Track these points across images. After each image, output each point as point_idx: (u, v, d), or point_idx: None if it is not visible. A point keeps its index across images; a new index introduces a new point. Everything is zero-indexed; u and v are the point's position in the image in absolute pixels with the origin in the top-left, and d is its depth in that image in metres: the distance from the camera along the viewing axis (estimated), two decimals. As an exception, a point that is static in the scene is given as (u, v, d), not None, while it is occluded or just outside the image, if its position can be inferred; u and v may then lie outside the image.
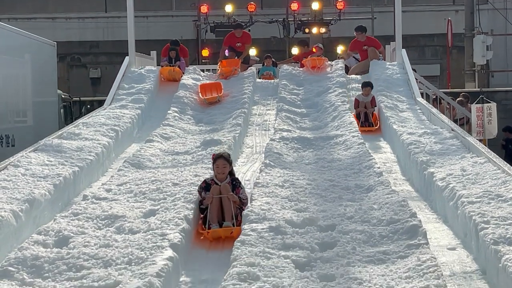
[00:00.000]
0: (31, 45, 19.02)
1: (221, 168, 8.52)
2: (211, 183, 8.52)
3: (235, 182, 8.57)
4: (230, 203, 8.27)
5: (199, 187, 8.70)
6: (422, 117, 13.94)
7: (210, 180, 8.60)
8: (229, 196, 8.30)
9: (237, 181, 8.63)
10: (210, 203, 8.29)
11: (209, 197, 8.33)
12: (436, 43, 32.99)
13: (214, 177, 8.60)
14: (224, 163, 8.56)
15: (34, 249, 6.96)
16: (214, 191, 8.36)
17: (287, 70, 17.80)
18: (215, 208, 8.30)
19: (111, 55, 32.55)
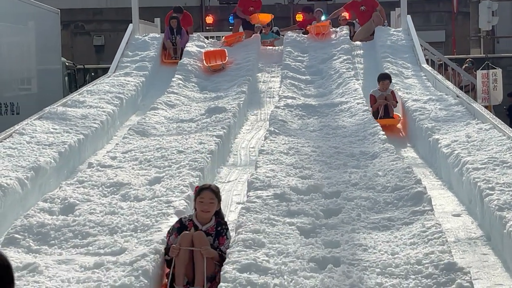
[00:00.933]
0: (34, 13, 18.93)
1: (207, 203, 6.22)
2: (188, 225, 6.19)
3: (220, 228, 6.26)
4: (203, 261, 6.00)
5: (171, 228, 6.37)
6: (427, 84, 13.90)
7: (188, 220, 6.24)
8: (203, 251, 6.01)
9: (223, 227, 6.29)
10: (176, 256, 6.03)
11: (174, 248, 6.04)
12: (441, 8, 32.76)
13: (194, 216, 6.26)
14: (211, 197, 6.27)
15: (40, 217, 6.99)
16: (184, 240, 6.06)
17: (292, 37, 17.71)
18: (182, 263, 6.03)
19: (115, 22, 32.41)
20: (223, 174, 9.73)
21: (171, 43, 16.41)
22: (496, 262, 6.54)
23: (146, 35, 17.45)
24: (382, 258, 5.96)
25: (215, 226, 6.20)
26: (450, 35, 31.00)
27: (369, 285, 5.50)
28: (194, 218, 6.22)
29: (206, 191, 6.25)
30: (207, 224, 6.17)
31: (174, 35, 16.56)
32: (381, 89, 12.33)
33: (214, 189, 6.36)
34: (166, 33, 16.58)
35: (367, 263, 5.88)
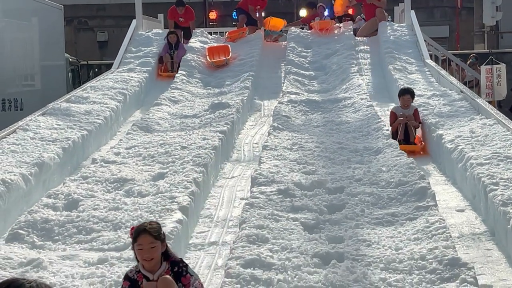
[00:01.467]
0: (38, 9, 18.94)
1: (147, 250, 4.88)
2: (137, 279, 4.95)
3: (177, 268, 4.98)
4: None
5: None
6: (431, 79, 13.88)
7: (136, 273, 4.97)
8: None
9: (180, 266, 5.00)
10: None
11: None
12: (445, 4, 32.72)
13: (140, 266, 4.95)
14: (150, 241, 4.89)
15: (44, 212, 7.00)
16: None
17: (295, 32, 17.70)
18: None
19: (118, 18, 32.43)
20: (227, 170, 9.73)
21: (170, 57, 15.87)
22: (500, 257, 6.53)
23: (149, 30, 17.46)
24: (386, 254, 5.95)
25: (170, 269, 4.96)
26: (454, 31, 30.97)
27: (373, 281, 5.49)
28: (141, 268, 4.94)
29: (143, 236, 4.87)
30: (159, 270, 4.91)
31: (172, 49, 15.95)
32: (402, 106, 10.81)
33: (151, 230, 4.89)
34: (165, 47, 15.97)
35: (371, 258, 5.88)
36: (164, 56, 15.84)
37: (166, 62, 15.82)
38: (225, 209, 8.11)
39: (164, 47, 16.04)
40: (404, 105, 10.79)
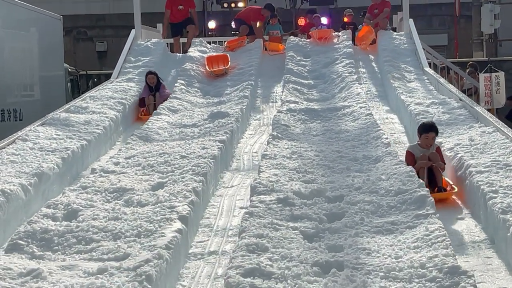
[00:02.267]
0: (37, 19, 18.97)
1: None
2: None
3: None
4: None
5: None
6: (430, 87, 13.90)
7: None
8: None
9: None
10: None
11: None
12: (444, 12, 32.79)
13: None
14: None
15: (43, 223, 6.99)
16: None
17: (294, 41, 17.73)
18: None
19: (117, 28, 32.48)
20: (226, 179, 9.73)
21: (153, 98, 14.01)
22: (500, 265, 6.53)
23: (148, 40, 17.48)
24: (385, 262, 5.95)
25: None
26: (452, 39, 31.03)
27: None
28: None
29: None
30: None
31: (153, 91, 14.14)
32: (422, 144, 8.89)
33: None
34: (145, 90, 14.18)
35: (371, 267, 5.88)
36: (147, 98, 13.97)
37: (148, 104, 13.92)
38: (225, 218, 8.11)
39: (144, 89, 14.27)
40: (427, 144, 8.85)
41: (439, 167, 8.60)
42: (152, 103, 13.88)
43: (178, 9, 17.69)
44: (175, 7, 17.66)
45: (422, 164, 8.59)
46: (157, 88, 14.21)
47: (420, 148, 8.87)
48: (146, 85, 14.27)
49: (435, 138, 8.90)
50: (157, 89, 14.20)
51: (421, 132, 8.92)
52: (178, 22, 17.76)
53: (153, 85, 14.20)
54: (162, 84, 14.33)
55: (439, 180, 8.55)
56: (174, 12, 17.70)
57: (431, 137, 8.85)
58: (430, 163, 8.58)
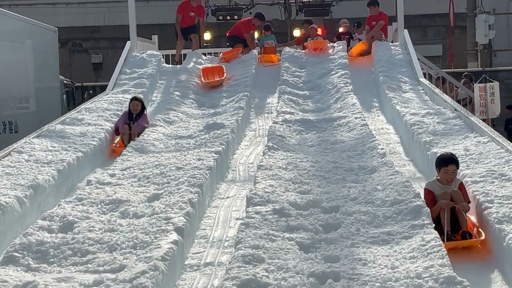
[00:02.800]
0: (32, 31, 18.98)
1: None
2: None
3: None
4: None
5: None
6: (425, 98, 13.92)
7: None
8: None
9: None
10: None
11: None
12: (438, 23, 32.86)
13: None
14: None
15: (39, 235, 6.98)
16: None
17: (289, 52, 17.76)
18: None
19: (113, 40, 32.49)
20: (222, 190, 9.73)
21: (128, 127, 12.26)
22: (496, 275, 6.53)
23: (143, 52, 17.49)
24: (382, 273, 5.95)
25: None
26: (447, 49, 31.08)
27: (369, 300, 5.49)
28: None
29: None
30: None
31: (132, 120, 12.46)
32: (442, 180, 7.69)
33: None
34: (123, 116, 12.59)
35: (367, 277, 5.88)
36: (122, 127, 12.27)
37: (122, 134, 12.20)
38: (221, 230, 8.11)
39: (123, 115, 12.68)
40: (447, 179, 7.65)
41: (462, 209, 7.38)
42: (127, 133, 12.14)
43: (189, 15, 17.77)
44: (186, 13, 17.74)
45: (442, 204, 7.39)
46: (138, 116, 12.57)
47: (440, 185, 7.65)
48: (127, 112, 12.67)
49: (456, 172, 7.71)
50: (137, 117, 12.54)
51: (439, 166, 7.72)
52: (186, 27, 17.83)
53: (135, 113, 12.61)
54: (144, 114, 12.75)
55: (463, 223, 7.36)
56: (185, 18, 17.75)
57: (452, 170, 7.63)
58: (452, 203, 7.39)
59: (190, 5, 17.73)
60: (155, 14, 32.29)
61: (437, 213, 7.34)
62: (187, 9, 17.74)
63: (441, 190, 7.55)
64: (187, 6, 17.75)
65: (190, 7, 17.74)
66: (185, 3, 17.82)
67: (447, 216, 7.30)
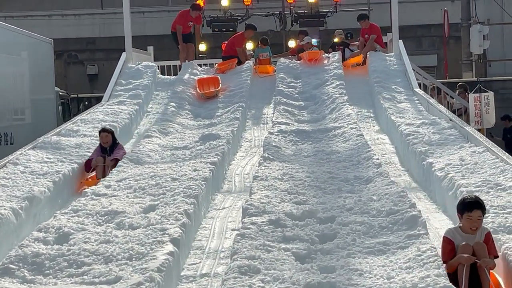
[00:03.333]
0: (28, 43, 19.00)
1: None
2: None
3: None
4: None
5: None
6: (420, 108, 13.95)
7: None
8: None
9: None
10: None
11: None
12: (433, 33, 32.97)
13: None
14: None
15: (34, 246, 6.97)
16: None
17: (285, 63, 17.79)
18: None
19: (108, 51, 32.52)
20: (218, 201, 9.72)
21: (102, 159, 11.00)
22: (492, 285, 6.52)
23: (139, 63, 17.50)
24: (378, 283, 5.95)
25: None
26: (442, 59, 31.17)
27: (365, 310, 5.48)
28: None
29: None
30: None
31: (107, 153, 11.12)
32: (465, 228, 6.48)
33: None
34: (96, 152, 11.18)
35: (363, 287, 5.87)
36: (96, 159, 10.97)
37: (95, 166, 10.93)
38: (217, 241, 8.10)
39: (95, 151, 11.20)
40: (471, 228, 6.43)
41: (485, 265, 6.20)
42: (101, 165, 10.88)
43: (188, 25, 18.14)
44: (186, 23, 18.01)
45: (462, 259, 6.22)
46: (112, 149, 11.19)
47: (462, 234, 6.45)
48: (99, 146, 11.27)
49: (482, 219, 6.46)
50: (111, 150, 11.17)
51: (461, 211, 6.50)
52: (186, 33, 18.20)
53: (107, 146, 11.17)
54: (119, 145, 11.44)
55: (485, 283, 6.18)
56: (184, 28, 18.07)
57: (476, 217, 6.41)
58: (473, 258, 6.21)
59: (189, 16, 17.96)
60: (150, 26, 32.37)
61: (454, 269, 6.26)
62: (187, 19, 17.93)
63: (462, 241, 6.37)
64: (187, 16, 17.91)
65: (189, 17, 17.94)
66: (185, 13, 17.99)
67: (466, 273, 6.16)
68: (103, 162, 10.93)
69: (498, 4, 31.52)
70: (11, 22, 21.42)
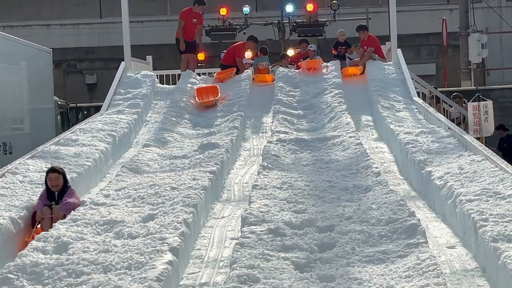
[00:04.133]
0: (27, 52, 19.01)
1: None
2: None
3: None
4: None
5: None
6: (419, 117, 13.96)
7: None
8: None
9: None
10: None
11: None
12: (432, 42, 33.01)
13: None
14: None
15: (33, 256, 6.96)
16: None
17: (283, 72, 17.81)
18: None
19: (107, 60, 32.54)
20: (217, 210, 9.71)
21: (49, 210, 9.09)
22: (490, 292, 6.52)
23: (138, 72, 17.52)
24: (377, 292, 5.94)
25: None
26: (440, 68, 31.20)
27: (365, 319, 5.47)
28: None
29: None
30: None
31: (55, 199, 9.22)
32: None
33: None
34: (42, 198, 9.23)
35: (363, 296, 5.87)
36: (40, 211, 9.03)
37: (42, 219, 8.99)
38: (216, 250, 8.09)
39: (40, 197, 9.25)
40: None
41: None
42: (48, 218, 8.97)
43: (192, 22, 17.90)
44: (189, 20, 17.85)
45: None
46: (61, 194, 9.28)
47: None
48: (45, 190, 9.35)
49: None
50: (60, 195, 9.25)
51: None
52: (189, 41, 17.94)
53: (56, 190, 9.27)
54: (70, 189, 9.43)
55: None
56: (187, 26, 17.82)
57: None
58: None
59: (193, 12, 17.94)
60: (149, 35, 32.38)
61: None
62: (190, 15, 17.89)
63: None
64: (190, 13, 17.94)
65: (193, 13, 17.92)
66: (188, 10, 18.01)
67: None
68: (50, 214, 9.01)
69: (497, 13, 31.58)
70: (10, 32, 21.48)
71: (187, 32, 17.84)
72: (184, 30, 17.80)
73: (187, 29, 17.84)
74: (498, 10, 31.87)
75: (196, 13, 17.92)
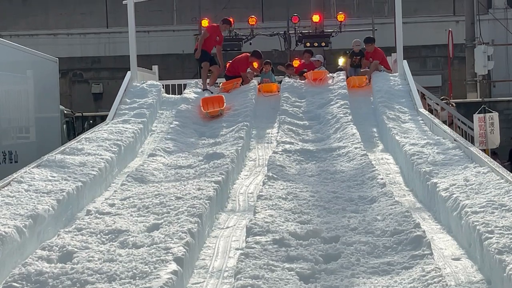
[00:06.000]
0: (33, 61, 19.07)
1: None
2: None
3: None
4: None
5: None
6: (425, 128, 13.95)
7: None
8: None
9: None
10: None
11: None
12: (438, 54, 33.05)
13: None
14: None
15: (38, 265, 6.96)
16: None
17: (289, 82, 17.83)
18: None
19: (113, 70, 32.63)
20: (222, 220, 9.71)
21: None
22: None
23: (144, 82, 17.56)
24: (382, 303, 5.93)
25: None
26: (446, 80, 31.21)
27: (370, 331, 5.46)
28: None
29: None
30: None
31: None
32: None
33: None
34: None
35: (367, 308, 5.85)
36: None
37: None
38: (220, 260, 8.08)
39: None
40: None
41: None
42: None
43: (215, 39, 17.97)
44: (213, 36, 17.90)
45: None
46: None
47: None
48: None
49: None
50: None
51: None
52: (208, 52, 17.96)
53: None
54: None
55: None
56: (209, 40, 17.82)
57: None
58: None
59: (219, 30, 18.08)
60: (155, 45, 32.48)
61: None
62: (216, 32, 18.00)
63: None
64: (216, 30, 18.07)
65: (218, 31, 18.05)
66: (216, 27, 18.21)
67: None
68: None
69: (503, 25, 31.61)
70: (17, 41, 21.53)
71: (206, 45, 17.86)
72: (205, 42, 17.82)
73: (208, 43, 17.85)
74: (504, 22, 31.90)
75: (221, 32, 18.11)
